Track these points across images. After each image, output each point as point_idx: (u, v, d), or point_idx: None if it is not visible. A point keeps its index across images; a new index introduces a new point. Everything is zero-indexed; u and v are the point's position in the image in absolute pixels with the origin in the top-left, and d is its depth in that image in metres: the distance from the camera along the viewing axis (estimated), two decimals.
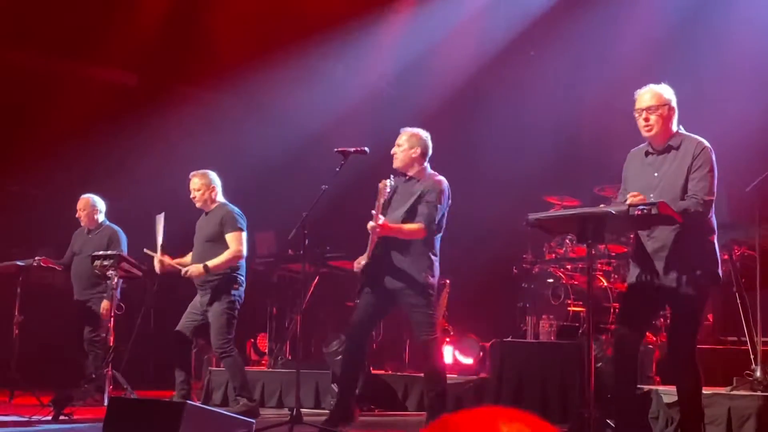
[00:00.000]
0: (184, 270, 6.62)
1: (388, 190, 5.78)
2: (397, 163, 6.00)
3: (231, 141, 10.15)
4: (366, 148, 6.19)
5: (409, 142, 5.97)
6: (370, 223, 5.66)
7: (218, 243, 6.64)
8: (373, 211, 5.65)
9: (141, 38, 9.85)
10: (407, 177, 6.01)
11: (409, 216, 5.81)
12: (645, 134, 4.72)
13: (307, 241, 6.26)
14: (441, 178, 5.95)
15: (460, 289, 8.65)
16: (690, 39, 8.83)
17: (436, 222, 5.81)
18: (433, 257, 5.84)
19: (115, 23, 9.82)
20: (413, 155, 5.95)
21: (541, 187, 8.67)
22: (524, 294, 8.48)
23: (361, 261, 5.87)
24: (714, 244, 4.64)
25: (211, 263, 6.52)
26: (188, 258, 6.92)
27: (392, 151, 6.00)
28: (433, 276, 5.83)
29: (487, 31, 9.87)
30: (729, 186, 5.98)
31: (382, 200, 5.69)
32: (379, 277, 5.83)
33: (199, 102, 10.01)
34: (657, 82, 4.79)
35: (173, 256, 6.92)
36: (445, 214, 5.91)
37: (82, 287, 8.03)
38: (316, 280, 9.02)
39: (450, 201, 5.95)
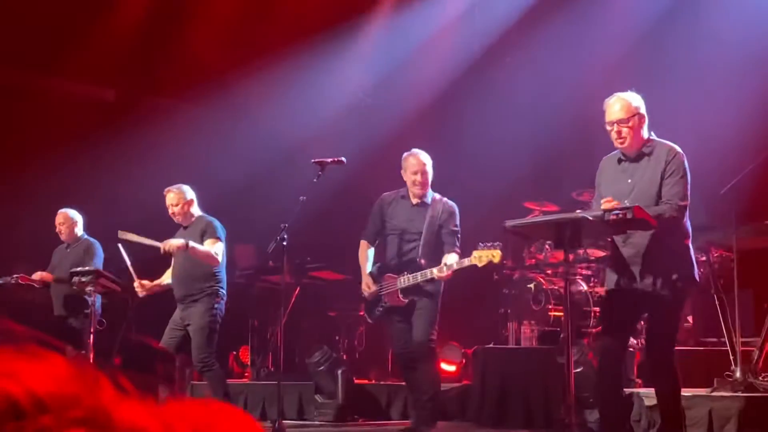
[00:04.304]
0: (164, 243, 6.44)
1: None
2: (424, 190, 6.02)
3: (209, 154, 10.11)
4: (343, 158, 6.20)
5: (430, 167, 6.02)
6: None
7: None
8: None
9: (118, 53, 9.81)
10: (419, 201, 6.05)
11: (437, 240, 5.99)
12: (618, 146, 4.73)
13: (286, 253, 6.27)
14: (452, 203, 6.10)
15: (441, 296, 8.64)
16: (664, 43, 8.89)
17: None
18: None
19: (92, 38, 9.77)
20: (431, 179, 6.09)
21: (521, 193, 8.68)
22: (505, 300, 8.51)
23: (369, 290, 6.05)
24: (689, 248, 4.65)
25: (192, 243, 6.44)
26: (166, 276, 6.85)
27: (417, 179, 5.95)
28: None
29: (462, 39, 9.89)
30: (705, 188, 6.02)
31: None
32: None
33: (177, 115, 9.96)
34: (634, 86, 4.79)
35: (153, 273, 6.88)
36: None
37: (61, 303, 7.98)
38: (297, 291, 9.01)
39: None
